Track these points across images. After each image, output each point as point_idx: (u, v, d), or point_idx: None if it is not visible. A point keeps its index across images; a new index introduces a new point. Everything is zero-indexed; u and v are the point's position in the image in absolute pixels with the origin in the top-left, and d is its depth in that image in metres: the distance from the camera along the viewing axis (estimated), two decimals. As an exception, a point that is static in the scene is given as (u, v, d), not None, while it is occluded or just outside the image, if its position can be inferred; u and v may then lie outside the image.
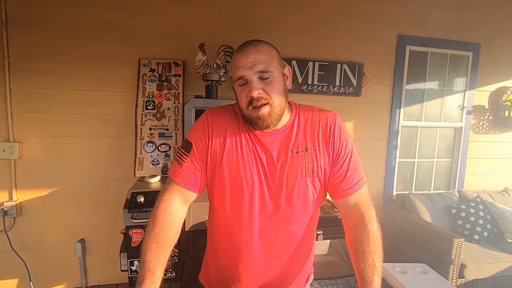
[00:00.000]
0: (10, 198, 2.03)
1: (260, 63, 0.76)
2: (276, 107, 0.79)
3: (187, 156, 0.84)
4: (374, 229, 0.82)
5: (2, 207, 1.99)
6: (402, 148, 2.77)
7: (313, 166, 0.82)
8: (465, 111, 2.84)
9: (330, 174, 0.84)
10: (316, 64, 2.44)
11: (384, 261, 2.00)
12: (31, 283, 2.07)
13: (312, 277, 1.02)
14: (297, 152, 0.82)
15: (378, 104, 2.63)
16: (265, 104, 0.77)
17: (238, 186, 0.81)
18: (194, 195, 0.86)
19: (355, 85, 2.53)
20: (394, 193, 2.77)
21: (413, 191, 2.81)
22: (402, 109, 2.68)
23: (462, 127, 2.86)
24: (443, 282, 1.78)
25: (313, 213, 0.87)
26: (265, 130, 0.82)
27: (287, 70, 0.85)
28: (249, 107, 0.78)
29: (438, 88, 2.82)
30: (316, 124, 0.85)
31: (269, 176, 0.82)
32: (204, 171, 0.84)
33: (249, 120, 0.81)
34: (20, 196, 2.06)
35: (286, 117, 0.85)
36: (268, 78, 0.77)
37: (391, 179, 2.76)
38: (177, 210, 0.83)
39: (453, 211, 2.52)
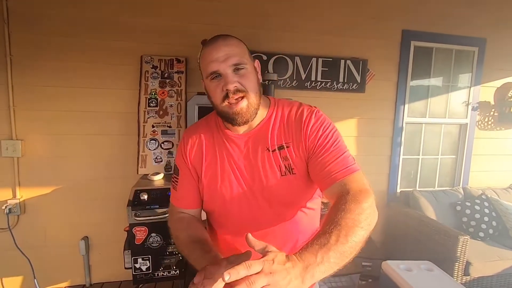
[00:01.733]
0: (14, 196, 2.04)
1: (233, 56, 0.74)
2: (252, 99, 0.77)
3: (178, 179, 0.87)
4: (366, 205, 0.64)
5: (6, 205, 1.99)
6: (406, 145, 2.75)
7: (290, 164, 0.78)
8: (470, 107, 2.81)
9: (311, 165, 0.77)
10: (320, 60, 2.41)
11: (388, 259, 1.99)
12: (35, 280, 2.08)
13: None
14: (273, 150, 0.79)
15: (382, 100, 2.60)
16: (242, 98, 0.75)
17: (221, 197, 0.81)
18: (197, 211, 0.89)
19: (359, 81, 2.50)
20: (398, 190, 2.75)
21: (417, 188, 2.79)
22: (406, 106, 2.66)
23: (467, 123, 2.83)
24: (448, 280, 1.76)
25: (308, 209, 0.84)
26: (242, 126, 0.79)
27: (257, 64, 0.83)
28: (224, 103, 0.75)
29: (443, 84, 2.78)
30: (292, 118, 0.81)
31: (248, 179, 0.80)
32: (197, 188, 0.86)
33: (225, 117, 0.78)
34: (24, 194, 2.07)
35: (262, 113, 0.83)
36: (242, 69, 0.75)
37: (395, 176, 2.73)
38: (188, 220, 0.85)
39: (458, 208, 2.49)
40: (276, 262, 0.51)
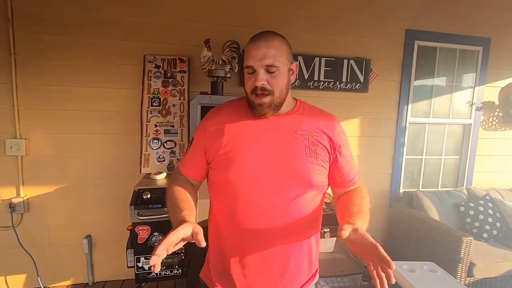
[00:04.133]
0: (18, 195, 2.05)
1: (269, 58, 0.81)
2: (276, 98, 0.85)
3: (189, 149, 0.96)
4: (367, 198, 0.93)
5: (10, 203, 2.00)
6: (410, 145, 2.74)
7: (316, 149, 0.87)
8: (474, 107, 2.79)
9: (332, 164, 0.91)
10: (323, 60, 2.40)
11: (392, 259, 1.98)
12: (38, 278, 2.09)
13: (317, 276, 1.02)
14: (302, 134, 0.87)
15: (385, 100, 2.59)
16: (266, 95, 0.83)
17: (237, 170, 0.85)
18: (196, 182, 0.98)
19: (362, 81, 2.49)
20: (401, 191, 2.74)
21: (420, 189, 2.77)
22: (409, 106, 2.64)
23: (471, 123, 2.81)
24: (451, 281, 1.75)
25: (316, 198, 0.90)
26: (263, 118, 0.87)
27: (294, 66, 0.89)
28: (253, 94, 0.85)
29: (447, 84, 2.77)
30: (321, 117, 0.93)
31: (274, 155, 0.85)
32: (203, 161, 0.92)
33: (250, 104, 0.87)
34: (28, 193, 2.08)
35: (290, 105, 0.92)
36: (274, 72, 0.82)
37: (398, 176, 2.72)
38: (183, 183, 0.94)
39: (462, 209, 2.48)
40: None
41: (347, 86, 2.47)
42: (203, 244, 0.68)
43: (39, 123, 2.04)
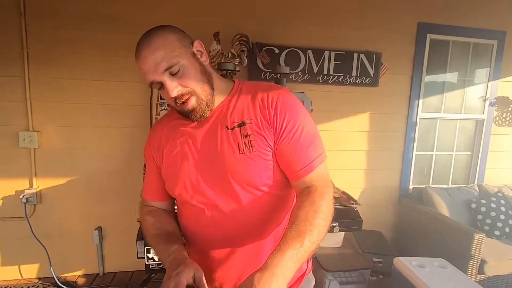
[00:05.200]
0: (31, 186, 2.09)
1: (161, 61, 0.68)
2: (201, 94, 0.73)
3: (144, 171, 0.91)
4: (322, 204, 0.69)
5: (23, 195, 2.05)
6: (420, 140, 2.69)
7: (250, 141, 0.73)
8: (487, 102, 2.73)
9: (278, 152, 0.74)
10: (332, 53, 2.37)
11: (400, 256, 1.96)
12: (51, 268, 2.14)
13: (309, 275, 0.92)
14: (233, 128, 0.74)
15: (396, 95, 2.55)
16: (189, 97, 0.72)
17: (182, 182, 0.78)
18: (164, 204, 0.90)
19: (372, 76, 2.45)
20: (411, 187, 2.71)
21: (430, 185, 2.74)
22: (420, 100, 2.60)
23: (483, 119, 2.75)
24: (462, 277, 1.73)
25: (272, 193, 0.77)
26: (200, 120, 0.76)
27: (196, 46, 0.75)
28: (177, 105, 0.73)
29: (459, 78, 2.71)
30: (258, 98, 0.76)
31: (208, 161, 0.76)
32: (160, 179, 0.85)
33: (183, 114, 0.77)
34: (40, 184, 2.12)
35: (224, 92, 0.79)
36: (178, 71, 0.69)
37: (408, 172, 2.69)
38: (157, 213, 0.87)
39: (473, 205, 2.44)
40: None
41: (357, 81, 2.44)
42: None
43: (51, 116, 2.08)
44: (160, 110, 2.07)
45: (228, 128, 0.75)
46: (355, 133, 2.53)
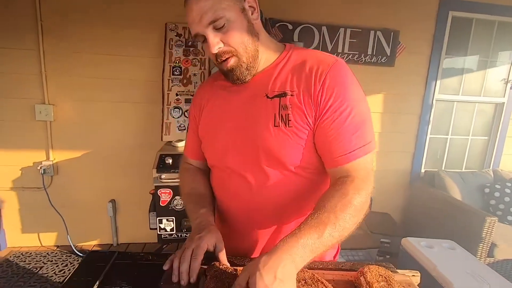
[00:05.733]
0: (47, 158, 2.16)
1: (206, 13, 0.62)
2: (243, 56, 0.67)
3: (188, 129, 0.90)
4: (355, 198, 0.61)
5: (40, 166, 2.12)
6: (435, 123, 2.63)
7: (287, 114, 0.66)
8: (509, 85, 2.62)
9: (317, 133, 0.67)
10: (348, 30, 2.30)
11: (409, 236, 1.93)
12: (68, 236, 2.24)
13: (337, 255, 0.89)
14: (272, 97, 0.68)
15: (412, 75, 2.47)
16: (230, 57, 0.67)
17: (213, 147, 0.78)
18: (201, 163, 0.88)
19: (388, 54, 2.38)
20: (423, 170, 2.67)
21: (443, 169, 2.69)
22: (438, 82, 2.51)
23: (503, 102, 2.65)
24: (471, 259, 1.72)
25: (303, 178, 0.71)
26: (238, 83, 0.72)
27: (250, 1, 0.67)
28: (218, 62, 0.69)
29: (480, 59, 2.59)
30: (306, 68, 0.67)
31: (243, 129, 0.71)
32: (197, 138, 0.85)
33: (223, 73, 0.73)
34: (56, 156, 2.18)
35: (271, 56, 0.72)
36: (223, 26, 0.63)
37: (420, 155, 2.64)
38: (194, 174, 0.87)
39: (486, 190, 2.39)
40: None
41: (373, 60, 2.37)
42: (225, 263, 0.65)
43: (65, 89, 2.11)
44: (172, 86, 2.07)
45: (267, 97, 0.69)
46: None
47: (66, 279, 0.68)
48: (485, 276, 1.49)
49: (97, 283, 0.64)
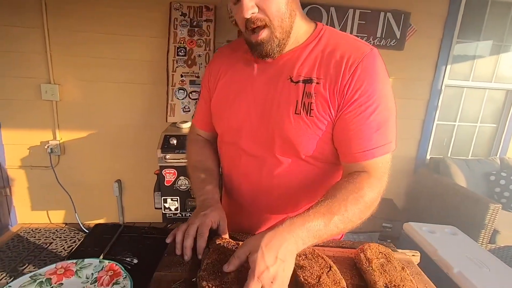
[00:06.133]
0: (54, 138, 2.18)
1: None
2: (276, 30, 0.61)
3: (199, 98, 0.86)
4: (368, 195, 0.60)
5: (47, 145, 2.15)
6: (443, 110, 2.58)
7: (310, 103, 0.63)
8: (522, 71, 2.55)
9: (337, 125, 0.64)
10: (357, 12, 2.23)
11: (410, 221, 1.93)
12: (76, 214, 2.30)
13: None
14: (297, 82, 0.64)
15: (422, 59, 2.41)
16: (263, 27, 0.61)
17: (227, 121, 0.74)
18: (210, 135, 0.87)
19: (398, 37, 2.31)
20: (428, 157, 2.65)
21: (449, 156, 2.66)
22: (448, 67, 2.45)
23: (515, 89, 2.58)
24: (472, 244, 1.73)
25: (315, 166, 0.70)
26: (265, 59, 0.67)
27: None
28: (247, 30, 0.63)
29: (494, 43, 2.51)
30: (336, 54, 0.63)
31: (260, 108, 0.68)
32: (209, 108, 0.81)
33: (249, 44, 0.66)
34: (63, 136, 2.21)
35: (303, 35, 0.67)
36: None
37: (426, 142, 2.61)
38: (202, 145, 0.86)
39: (492, 178, 2.38)
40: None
41: (381, 43, 2.31)
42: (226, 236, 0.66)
43: (70, 69, 2.10)
44: (177, 67, 2.05)
45: (291, 81, 0.65)
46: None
47: (74, 249, 0.70)
48: (485, 261, 1.50)
49: (104, 253, 0.66)
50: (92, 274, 0.57)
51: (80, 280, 0.56)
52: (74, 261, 0.59)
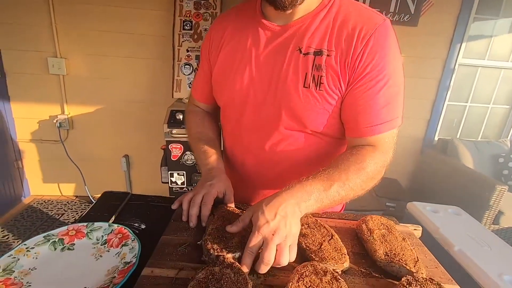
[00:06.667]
0: (62, 112, 2.21)
1: None
2: None
3: (198, 68, 0.82)
4: (370, 166, 0.60)
5: (56, 119, 2.18)
6: (455, 89, 2.51)
7: (320, 76, 0.61)
8: (541, 50, 2.44)
9: (346, 99, 0.62)
10: (370, -16, 2.14)
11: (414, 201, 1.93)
12: (86, 187, 2.36)
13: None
14: (307, 53, 0.61)
15: (436, 36, 2.31)
16: None
17: (230, 90, 0.71)
18: (209, 107, 0.85)
19: (412, 12, 2.21)
20: (436, 138, 2.61)
21: (458, 137, 2.62)
22: (463, 44, 2.35)
23: (532, 69, 2.49)
24: (474, 224, 1.74)
25: (320, 139, 0.69)
26: (283, 12, 0.60)
27: None
28: None
29: (514, 20, 2.39)
30: (348, 25, 0.60)
31: (266, 79, 0.66)
32: (209, 81, 0.78)
33: None
34: (71, 111, 2.23)
35: (310, 4, 0.62)
36: None
37: (435, 123, 2.57)
38: (202, 116, 0.85)
39: (501, 160, 2.35)
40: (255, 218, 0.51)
41: (394, 18, 2.22)
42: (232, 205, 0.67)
43: (76, 43, 2.09)
44: (183, 41, 2.02)
45: (300, 52, 0.62)
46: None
47: (84, 214, 0.72)
48: (487, 240, 1.51)
49: (113, 218, 0.68)
50: (102, 236, 0.59)
51: (90, 241, 0.59)
52: (85, 224, 0.61)
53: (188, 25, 2.01)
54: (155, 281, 0.47)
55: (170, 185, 1.77)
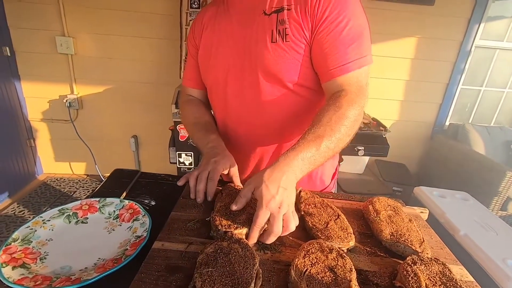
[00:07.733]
0: (72, 92, 2.23)
1: None
2: None
3: (186, 58, 0.87)
4: (349, 110, 0.62)
5: (66, 99, 2.20)
6: (469, 73, 2.43)
7: (285, 28, 0.65)
8: None
9: (313, 45, 0.66)
10: (386, -40, 2.03)
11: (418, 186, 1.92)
12: (96, 166, 2.42)
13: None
14: (270, 13, 0.67)
15: (452, 16, 2.22)
16: None
17: (213, 70, 0.77)
18: (201, 93, 0.88)
19: (429, -10, 2.11)
20: (447, 123, 2.56)
21: (470, 123, 2.57)
22: (482, 25, 2.25)
23: (554, 52, 2.38)
24: (482, 209, 1.73)
25: (300, 96, 0.72)
26: None
27: None
28: None
29: (538, -1, 2.26)
30: None
31: (241, 48, 0.71)
32: (198, 65, 0.82)
33: None
34: (80, 91, 2.25)
35: None
36: None
37: (447, 107, 2.51)
38: (196, 103, 0.87)
39: (513, 146, 2.30)
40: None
41: (410, -4, 2.13)
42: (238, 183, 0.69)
43: (83, 22, 2.07)
44: (190, 20, 1.98)
45: (265, 13, 0.67)
46: (396, 59, 2.31)
47: (96, 190, 0.74)
48: (494, 225, 1.51)
49: (124, 193, 0.70)
50: (114, 211, 0.61)
51: (103, 216, 0.61)
52: (97, 199, 0.63)
53: (196, 3, 1.96)
54: (166, 254, 0.48)
55: (178, 166, 1.80)
